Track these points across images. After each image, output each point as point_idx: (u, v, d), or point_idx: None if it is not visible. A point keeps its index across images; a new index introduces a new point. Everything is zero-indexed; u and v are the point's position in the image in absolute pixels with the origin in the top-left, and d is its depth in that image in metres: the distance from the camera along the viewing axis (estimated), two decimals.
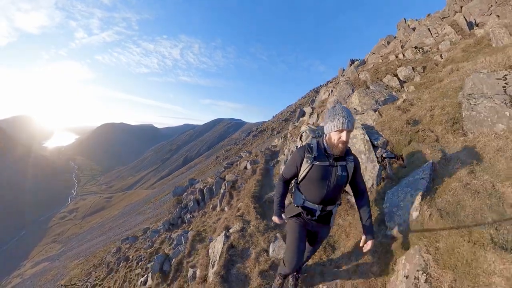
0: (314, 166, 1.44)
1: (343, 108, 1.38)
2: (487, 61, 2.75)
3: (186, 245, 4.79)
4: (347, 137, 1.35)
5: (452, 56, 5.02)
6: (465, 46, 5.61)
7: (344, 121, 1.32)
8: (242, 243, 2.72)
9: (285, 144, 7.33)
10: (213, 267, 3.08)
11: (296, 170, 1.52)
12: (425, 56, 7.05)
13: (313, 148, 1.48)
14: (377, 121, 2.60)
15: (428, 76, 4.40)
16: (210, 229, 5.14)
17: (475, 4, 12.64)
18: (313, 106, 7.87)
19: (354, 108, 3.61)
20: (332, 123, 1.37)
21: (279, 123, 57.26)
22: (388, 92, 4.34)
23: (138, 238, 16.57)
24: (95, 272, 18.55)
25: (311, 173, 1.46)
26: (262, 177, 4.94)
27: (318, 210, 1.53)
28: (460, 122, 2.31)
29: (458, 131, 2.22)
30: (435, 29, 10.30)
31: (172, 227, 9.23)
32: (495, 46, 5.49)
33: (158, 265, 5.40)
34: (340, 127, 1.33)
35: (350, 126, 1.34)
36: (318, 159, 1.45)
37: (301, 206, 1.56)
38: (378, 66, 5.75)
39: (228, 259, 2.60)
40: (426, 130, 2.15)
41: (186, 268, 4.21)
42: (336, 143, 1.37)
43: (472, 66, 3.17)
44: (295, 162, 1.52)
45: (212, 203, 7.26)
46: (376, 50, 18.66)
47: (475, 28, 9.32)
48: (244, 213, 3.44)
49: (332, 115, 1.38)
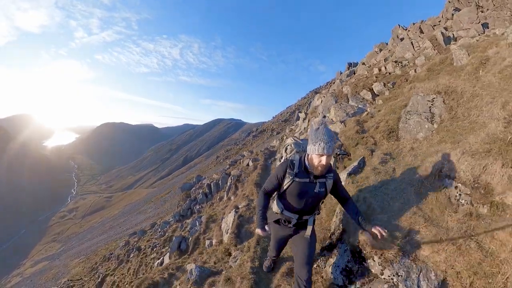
0: (294, 182, 1.54)
1: (325, 132, 1.42)
2: (424, 86, 3.91)
3: (201, 225, 5.95)
4: (327, 161, 1.41)
5: (417, 75, 6.21)
6: (431, 65, 6.78)
7: (325, 147, 1.38)
8: (248, 213, 3.90)
9: (281, 145, 8.49)
10: (227, 233, 4.22)
11: (277, 184, 1.62)
12: (402, 70, 8.23)
13: (295, 164, 1.56)
14: (341, 130, 3.80)
15: (394, 92, 5.59)
16: (220, 213, 6.30)
17: (464, 13, 13.74)
18: (306, 112, 9.06)
19: (331, 119, 4.80)
20: (314, 146, 1.42)
21: (279, 123, 58.14)
22: (363, 104, 5.53)
23: (147, 232, 17.61)
24: (102, 267, 19.43)
25: (291, 188, 1.56)
26: (262, 171, 6.15)
27: (295, 219, 1.67)
28: (396, 131, 3.49)
29: (393, 138, 3.39)
30: (417, 43, 11.50)
31: (182, 218, 10.36)
32: (455, 65, 6.66)
33: (176, 244, 6.50)
34: (320, 152, 1.39)
35: (330, 151, 1.40)
36: (299, 175, 1.54)
37: (280, 213, 1.70)
38: (358, 81, 6.95)
39: (238, 223, 3.77)
40: (369, 137, 3.31)
41: (203, 241, 5.35)
42: (317, 165, 1.45)
43: (420, 87, 4.35)
44: (277, 176, 1.60)
45: (219, 195, 8.42)
46: (369, 57, 19.88)
47: (451, 43, 10.52)
48: (248, 195, 4.63)
49: (314, 138, 1.43)
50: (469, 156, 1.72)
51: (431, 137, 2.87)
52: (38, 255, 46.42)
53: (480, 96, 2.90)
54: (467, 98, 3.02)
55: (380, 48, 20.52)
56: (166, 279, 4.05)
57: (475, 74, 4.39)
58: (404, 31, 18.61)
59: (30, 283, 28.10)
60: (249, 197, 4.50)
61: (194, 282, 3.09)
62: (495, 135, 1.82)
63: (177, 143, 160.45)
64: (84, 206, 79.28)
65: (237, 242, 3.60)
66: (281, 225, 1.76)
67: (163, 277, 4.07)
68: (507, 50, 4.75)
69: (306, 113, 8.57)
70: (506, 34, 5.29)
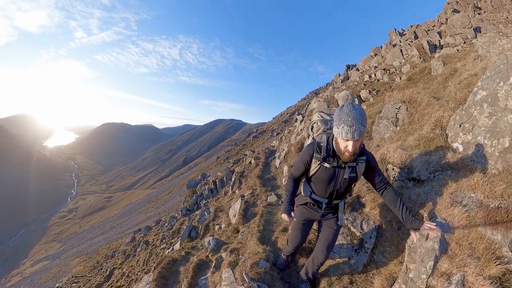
0: (322, 166, 1.43)
1: (350, 112, 1.21)
2: (395, 96, 4.81)
3: (210, 214, 6.82)
4: (353, 147, 1.26)
5: (398, 83, 7.13)
6: (412, 74, 7.71)
7: (349, 131, 1.20)
8: (252, 199, 4.78)
9: (281, 145, 9.38)
10: (234, 216, 5.08)
11: (305, 168, 1.53)
12: (390, 77, 9.15)
13: (322, 147, 1.43)
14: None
15: (377, 98, 6.51)
16: (226, 205, 7.17)
17: (457, 18, 14.63)
18: (303, 114, 9.96)
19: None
20: (337, 129, 1.25)
21: (279, 124, 58.97)
22: None
23: (152, 228, 18.35)
24: (106, 263, 19.97)
25: (319, 173, 1.46)
26: (263, 167, 7.07)
27: (324, 203, 1.57)
28: (370, 132, 4.39)
29: (367, 138, 4.29)
30: (406, 50, 12.44)
31: (189, 212, 11.21)
32: (432, 74, 7.58)
33: (187, 232, 7.32)
34: (344, 137, 1.23)
35: (357, 136, 1.21)
36: (327, 160, 1.42)
37: (309, 197, 1.62)
38: (348, 88, 7.88)
39: (245, 207, 4.65)
40: None
41: (213, 227, 6.19)
42: (343, 151, 1.30)
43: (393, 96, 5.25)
44: (304, 160, 1.51)
45: (224, 190, 9.29)
46: (364, 61, 20.83)
47: (437, 51, 11.47)
48: (252, 185, 5.50)
49: (338, 119, 1.25)
50: (401, 149, 2.59)
51: (393, 137, 3.75)
52: (38, 255, 46.39)
53: (432, 105, 3.78)
54: (423, 106, 3.90)
55: (375, 53, 21.48)
56: (184, 256, 4.65)
57: (443, 84, 5.31)
58: (397, 37, 19.56)
59: (30, 282, 28.01)
60: (253, 187, 5.37)
61: (212, 250, 3.94)
62: (424, 135, 2.70)
63: (177, 144, 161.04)
64: (84, 206, 79.63)
65: (244, 221, 4.47)
66: (309, 208, 1.69)
67: (180, 255, 4.77)
68: (472, 63, 5.66)
69: (303, 115, 9.47)
70: (477, 46, 6.15)
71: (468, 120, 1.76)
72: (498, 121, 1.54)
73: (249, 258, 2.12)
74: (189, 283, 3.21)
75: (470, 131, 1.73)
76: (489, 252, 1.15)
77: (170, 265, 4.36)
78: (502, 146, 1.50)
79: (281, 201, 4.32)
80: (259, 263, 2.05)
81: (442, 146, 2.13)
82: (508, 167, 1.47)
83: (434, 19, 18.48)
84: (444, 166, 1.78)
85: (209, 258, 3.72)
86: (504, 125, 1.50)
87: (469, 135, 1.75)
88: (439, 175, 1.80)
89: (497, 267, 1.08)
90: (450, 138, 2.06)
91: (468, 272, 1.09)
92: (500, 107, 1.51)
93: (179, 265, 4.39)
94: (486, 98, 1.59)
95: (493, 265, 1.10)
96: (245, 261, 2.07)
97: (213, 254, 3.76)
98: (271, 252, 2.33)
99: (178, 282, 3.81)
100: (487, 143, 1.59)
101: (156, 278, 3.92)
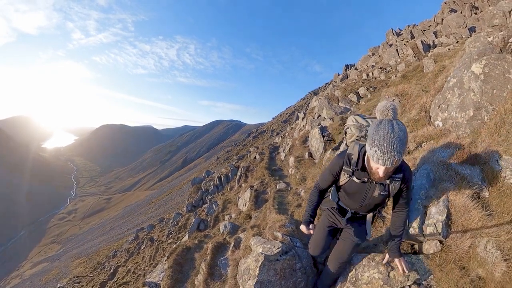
0: (350, 180, 1.37)
1: (386, 136, 1.04)
2: (390, 90, 5.27)
3: (219, 206, 7.20)
4: (384, 173, 1.13)
5: (394, 80, 7.60)
6: (406, 72, 8.19)
7: (382, 158, 1.05)
8: (262, 188, 5.18)
9: (284, 141, 9.81)
10: (245, 205, 5.42)
11: (333, 179, 1.46)
12: (386, 75, 9.64)
13: (352, 161, 1.33)
14: (330, 124, 5.20)
15: (374, 94, 6.99)
16: (234, 197, 7.54)
17: (452, 18, 15.15)
18: (305, 112, 10.41)
19: (323, 117, 6.17)
20: (370, 150, 1.10)
21: (279, 124, 59.23)
22: (350, 105, 6.90)
23: (155, 226, 18.57)
24: (108, 263, 20.00)
25: (347, 186, 1.41)
26: (269, 160, 7.49)
27: (350, 213, 1.53)
28: None
29: None
30: (401, 50, 12.97)
31: (194, 208, 11.54)
32: (425, 71, 8.06)
33: (195, 225, 7.66)
34: (375, 162, 1.09)
35: (389, 164, 1.06)
36: (356, 174, 1.33)
37: (336, 203, 1.57)
38: (347, 86, 8.36)
39: (255, 195, 5.04)
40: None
41: (222, 217, 6.53)
42: (374, 171, 1.18)
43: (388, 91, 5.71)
44: (333, 171, 1.43)
45: (230, 185, 9.68)
46: (362, 60, 21.38)
47: (430, 51, 11.97)
48: (261, 176, 5.91)
49: (372, 139, 1.09)
50: None
51: None
52: (37, 257, 46.00)
53: (420, 97, 4.22)
54: (413, 98, 4.35)
55: (373, 52, 22.06)
56: (197, 244, 4.79)
57: (433, 79, 5.78)
58: (393, 37, 20.13)
59: (30, 284, 27.83)
60: (261, 177, 5.76)
61: (228, 232, 4.19)
62: (411, 117, 3.15)
63: (176, 145, 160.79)
64: (84, 208, 79.20)
65: (255, 208, 4.80)
66: (335, 213, 1.62)
67: (194, 243, 4.82)
68: (459, 60, 6.14)
69: (305, 113, 9.90)
70: (465, 45, 6.65)
71: (444, 102, 2.21)
72: (464, 99, 2.02)
73: (274, 223, 2.44)
74: (208, 264, 3.31)
75: (445, 110, 2.19)
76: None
77: (185, 253, 4.54)
78: (468, 116, 1.97)
79: (290, 187, 4.65)
80: (285, 224, 2.38)
81: (426, 124, 2.56)
82: (474, 130, 1.98)
83: (430, 20, 19.03)
84: (428, 137, 2.21)
85: (227, 240, 3.88)
86: (468, 101, 1.99)
87: (445, 112, 2.20)
88: (424, 145, 2.24)
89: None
90: (432, 118, 2.51)
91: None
92: (465, 89, 2.00)
93: (193, 252, 4.54)
94: (456, 84, 2.05)
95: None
96: (272, 226, 2.38)
97: (230, 236, 3.94)
98: (291, 223, 2.59)
99: (194, 268, 3.95)
100: (458, 116, 2.06)
101: (172, 265, 4.06)
